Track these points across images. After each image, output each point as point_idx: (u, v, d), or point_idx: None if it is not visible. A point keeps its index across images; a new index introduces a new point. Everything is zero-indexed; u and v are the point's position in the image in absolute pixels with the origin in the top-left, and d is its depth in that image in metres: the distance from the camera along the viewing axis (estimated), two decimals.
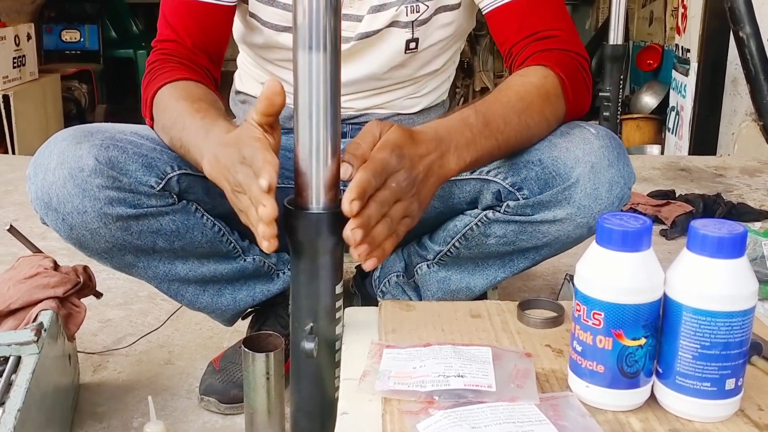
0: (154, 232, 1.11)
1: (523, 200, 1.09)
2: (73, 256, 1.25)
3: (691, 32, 3.84)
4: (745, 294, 0.68)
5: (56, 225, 1.08)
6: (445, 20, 1.23)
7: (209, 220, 1.16)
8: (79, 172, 1.04)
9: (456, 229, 1.19)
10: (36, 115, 4.37)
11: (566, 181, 1.05)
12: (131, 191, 1.07)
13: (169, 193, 1.11)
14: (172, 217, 1.12)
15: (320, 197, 0.81)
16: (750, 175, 2.92)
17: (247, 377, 1.01)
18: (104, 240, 1.08)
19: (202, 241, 1.16)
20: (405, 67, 1.26)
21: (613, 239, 0.69)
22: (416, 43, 1.22)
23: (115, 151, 1.06)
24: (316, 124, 0.79)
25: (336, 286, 0.85)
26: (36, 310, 1.13)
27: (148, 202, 1.08)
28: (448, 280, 1.24)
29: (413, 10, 1.19)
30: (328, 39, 0.78)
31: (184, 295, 1.22)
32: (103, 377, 1.39)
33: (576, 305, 0.73)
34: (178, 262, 1.17)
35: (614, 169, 1.05)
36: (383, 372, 0.78)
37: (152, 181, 1.08)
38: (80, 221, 1.06)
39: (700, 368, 0.69)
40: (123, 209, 1.06)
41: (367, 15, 1.19)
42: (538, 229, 1.11)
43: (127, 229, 1.08)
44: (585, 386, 0.73)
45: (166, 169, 1.10)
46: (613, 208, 1.07)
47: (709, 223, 0.69)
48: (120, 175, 1.05)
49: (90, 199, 1.04)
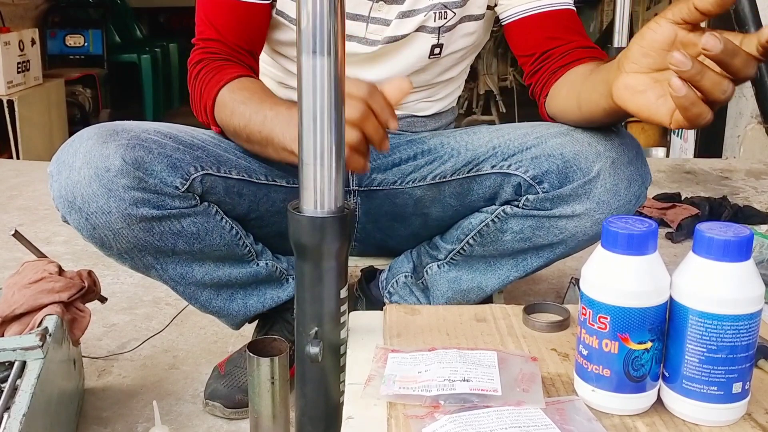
0: (175, 234, 1.11)
1: (542, 194, 1.10)
2: (78, 260, 1.25)
3: None
4: (751, 297, 0.67)
5: (78, 224, 1.08)
6: (469, 29, 1.25)
7: (227, 223, 1.17)
8: (105, 171, 1.04)
9: (471, 226, 1.20)
10: (40, 119, 4.38)
11: (587, 175, 1.07)
12: (156, 192, 1.07)
13: (192, 194, 1.11)
14: (194, 219, 1.12)
15: (324, 201, 0.81)
16: (756, 177, 2.91)
17: (252, 382, 1.01)
18: (126, 240, 1.08)
19: (220, 244, 1.16)
20: (426, 71, 1.28)
21: (619, 242, 0.69)
22: (440, 48, 1.24)
23: (141, 151, 1.06)
24: (320, 128, 0.79)
25: (341, 290, 0.84)
26: (41, 315, 1.13)
27: (171, 204, 1.09)
28: (459, 280, 1.24)
29: (441, 16, 1.20)
30: (332, 43, 0.77)
31: (198, 298, 1.22)
32: (108, 382, 1.39)
33: (582, 309, 0.72)
34: (195, 264, 1.17)
35: (633, 166, 1.07)
36: (388, 376, 0.78)
37: (177, 182, 1.08)
38: (104, 221, 1.06)
39: (707, 372, 0.69)
40: (147, 210, 1.06)
41: (395, 20, 1.21)
42: (555, 225, 1.12)
43: (150, 230, 1.08)
44: (591, 390, 0.73)
45: (189, 170, 1.10)
46: (630, 206, 1.08)
47: (714, 226, 0.69)
48: (146, 176, 1.06)
49: (115, 199, 1.04)
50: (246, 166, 1.19)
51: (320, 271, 0.83)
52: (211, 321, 1.58)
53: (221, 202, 1.16)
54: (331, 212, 0.81)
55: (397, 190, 1.28)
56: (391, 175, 1.28)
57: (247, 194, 1.19)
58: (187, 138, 1.15)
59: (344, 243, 0.83)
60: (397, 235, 1.33)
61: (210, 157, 1.15)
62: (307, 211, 0.81)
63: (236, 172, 1.17)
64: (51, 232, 2.17)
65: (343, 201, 0.82)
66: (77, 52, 5.53)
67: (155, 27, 7.04)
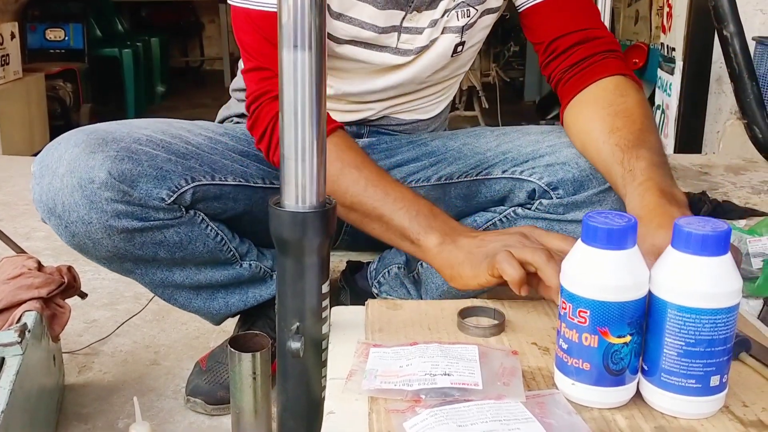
0: (156, 244, 1.10)
1: (557, 199, 1.11)
2: (58, 256, 1.24)
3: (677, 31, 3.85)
4: (729, 291, 0.68)
5: (58, 230, 1.07)
6: (486, 23, 1.24)
7: (212, 230, 1.16)
8: (89, 183, 1.02)
9: (475, 224, 1.20)
10: (20, 114, 4.33)
11: (602, 185, 1.09)
12: (140, 205, 1.05)
13: (179, 206, 1.09)
14: (177, 230, 1.11)
15: (306, 196, 0.81)
16: (735, 173, 2.93)
17: (233, 377, 1.01)
18: (106, 249, 1.08)
19: (203, 251, 1.16)
20: (446, 69, 1.27)
21: (599, 237, 0.69)
22: (462, 46, 1.23)
23: (129, 163, 1.04)
24: (301, 122, 0.79)
25: (322, 285, 0.84)
26: (20, 311, 1.12)
27: (155, 216, 1.07)
28: None
29: (464, 15, 1.19)
30: (314, 38, 0.77)
31: (177, 299, 1.21)
32: (89, 378, 1.38)
33: (562, 303, 0.73)
34: (176, 269, 1.17)
35: None
36: (370, 371, 0.78)
37: (163, 194, 1.07)
38: (84, 231, 1.05)
39: (685, 365, 0.69)
40: (129, 222, 1.05)
41: (427, 29, 1.19)
42: (564, 229, 1.13)
43: (131, 240, 1.07)
44: (571, 384, 0.73)
45: (180, 182, 1.08)
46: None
47: (693, 220, 0.69)
48: (131, 189, 1.04)
49: (97, 211, 1.03)
50: (242, 170, 1.18)
51: (302, 267, 0.83)
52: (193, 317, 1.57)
53: (212, 208, 1.15)
54: (313, 207, 0.81)
55: None
56: (393, 175, 1.28)
57: (242, 199, 1.18)
58: (181, 145, 1.13)
59: (326, 238, 0.82)
60: None
61: (204, 166, 1.13)
62: (288, 207, 0.81)
63: (232, 178, 1.16)
64: (31, 228, 2.16)
65: (324, 196, 0.82)
66: (58, 46, 5.48)
67: (137, 21, 6.98)
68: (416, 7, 1.17)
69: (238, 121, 1.40)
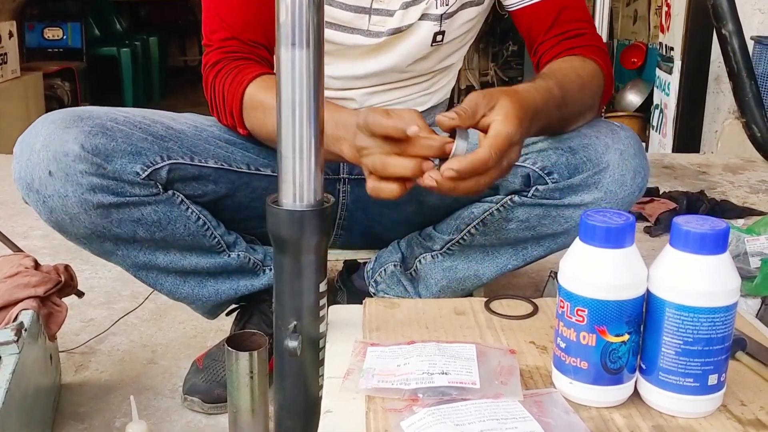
0: (134, 221, 1.10)
1: (552, 184, 1.12)
2: (55, 255, 1.24)
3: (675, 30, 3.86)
4: (727, 290, 0.68)
5: (37, 206, 1.08)
6: (469, 16, 1.25)
7: (194, 213, 1.16)
8: (63, 156, 1.03)
9: (472, 215, 1.20)
10: (18, 113, 4.33)
11: (597, 166, 1.09)
12: (115, 179, 1.06)
13: (155, 183, 1.10)
14: (155, 208, 1.11)
15: (304, 194, 0.81)
16: (733, 172, 2.94)
17: (230, 376, 1.00)
18: (83, 225, 1.08)
19: (184, 233, 1.15)
20: (427, 59, 1.27)
21: (597, 236, 0.69)
22: (442, 36, 1.24)
23: (103, 138, 1.06)
24: (299, 120, 0.79)
25: (320, 284, 0.84)
26: (16, 310, 1.11)
27: (131, 191, 1.08)
28: (455, 269, 1.25)
29: (443, 3, 1.21)
30: (311, 35, 0.77)
31: (163, 284, 1.21)
32: (85, 377, 1.37)
33: (560, 302, 0.73)
34: (159, 253, 1.17)
35: (638, 159, 1.11)
36: (367, 370, 0.78)
37: (137, 168, 1.08)
38: (60, 204, 1.06)
39: (683, 364, 0.69)
40: (105, 196, 1.06)
41: (398, 11, 1.20)
42: (562, 214, 1.13)
43: (107, 216, 1.08)
44: (569, 383, 0.73)
45: (155, 159, 1.10)
46: (634, 197, 1.12)
47: (691, 219, 0.69)
48: (104, 162, 1.05)
49: (72, 184, 1.04)
50: (226, 155, 1.18)
51: (299, 265, 0.83)
52: (190, 316, 1.57)
53: (192, 190, 1.15)
54: (311, 206, 0.81)
55: None
56: None
57: (224, 182, 1.18)
58: (161, 129, 1.14)
59: (323, 237, 0.82)
60: (387, 220, 1.33)
61: (183, 148, 1.14)
62: (286, 205, 0.81)
63: (213, 161, 1.17)
64: (28, 227, 2.15)
65: (322, 194, 0.82)
66: (56, 45, 5.47)
67: (135, 20, 6.98)
68: None
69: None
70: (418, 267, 1.28)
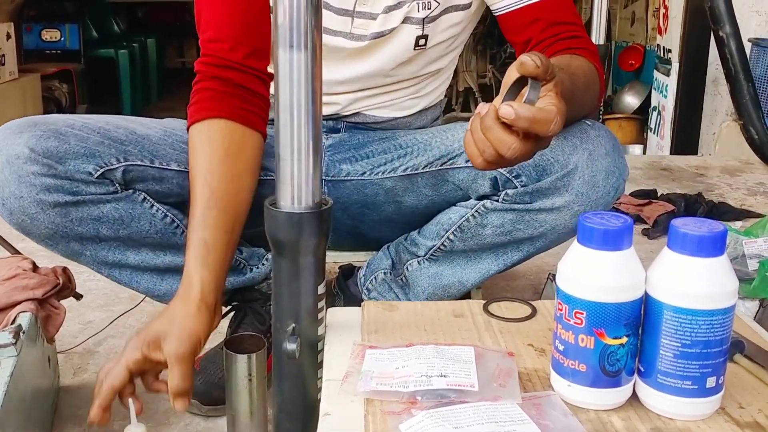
0: (95, 220, 1.11)
1: (521, 188, 1.11)
2: (53, 257, 1.23)
3: (673, 32, 3.86)
4: (725, 292, 0.68)
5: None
6: (454, 20, 1.24)
7: (159, 211, 1.16)
8: (15, 158, 1.06)
9: (450, 221, 1.20)
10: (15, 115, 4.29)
11: (565, 168, 1.07)
12: (68, 178, 1.08)
13: (110, 181, 1.11)
14: (114, 206, 1.12)
15: (302, 196, 0.81)
16: (731, 174, 2.94)
17: (229, 379, 1.00)
18: (44, 226, 1.09)
19: (150, 231, 1.16)
20: (411, 63, 1.27)
21: (595, 238, 0.69)
22: (425, 39, 1.24)
23: (55, 141, 1.08)
24: (297, 123, 0.79)
25: (318, 286, 0.84)
26: (14, 312, 1.11)
27: (86, 189, 1.09)
28: (440, 276, 1.25)
29: (425, 7, 1.20)
30: (309, 38, 0.77)
31: (139, 282, 1.21)
32: (84, 379, 1.37)
33: (558, 304, 0.73)
34: (129, 252, 1.17)
35: (610, 158, 1.08)
36: (366, 373, 0.78)
37: (90, 168, 1.09)
38: (18, 206, 1.08)
39: (681, 366, 0.69)
40: (60, 196, 1.08)
41: (381, 14, 1.20)
42: (535, 218, 1.12)
43: (66, 215, 1.09)
44: (567, 385, 0.73)
45: (110, 160, 1.11)
46: (609, 198, 1.09)
47: (689, 221, 0.70)
48: (56, 164, 1.07)
49: (26, 185, 1.06)
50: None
51: (297, 267, 0.83)
52: None
53: (155, 191, 1.16)
54: (309, 208, 0.81)
55: (365, 180, 1.28)
56: (360, 167, 1.29)
57: (187, 185, 1.16)
58: (121, 134, 1.15)
59: (322, 239, 0.82)
60: (369, 220, 1.33)
61: (144, 151, 1.15)
62: (284, 207, 0.81)
63: (176, 165, 1.17)
64: None
65: (320, 196, 0.82)
66: (54, 46, 5.47)
67: (133, 22, 6.98)
68: None
69: None
70: (406, 274, 1.28)
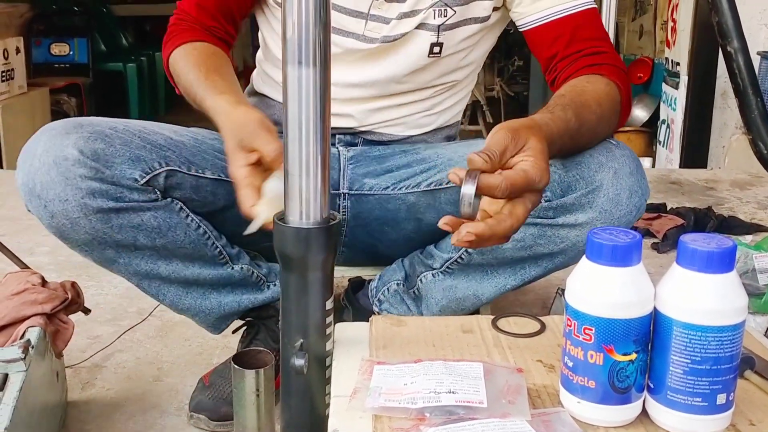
0: (134, 227, 1.11)
1: (545, 202, 1.11)
2: (62, 271, 1.24)
3: (681, 46, 3.87)
4: (735, 308, 0.68)
5: (38, 212, 1.09)
6: (471, 31, 1.25)
7: (194, 221, 1.17)
8: (63, 160, 1.05)
9: None
10: (24, 128, 4.35)
11: (590, 185, 1.08)
12: (113, 183, 1.08)
13: (153, 188, 1.11)
14: (154, 213, 1.12)
15: (310, 212, 0.81)
16: (741, 188, 2.93)
17: (237, 394, 1.00)
18: (84, 231, 1.09)
19: (185, 241, 1.16)
20: (425, 71, 1.27)
21: (603, 254, 0.69)
22: (440, 47, 1.24)
23: (102, 143, 1.07)
24: (305, 138, 0.79)
25: (326, 301, 0.84)
26: (23, 327, 1.11)
27: (129, 196, 1.09)
28: (454, 288, 1.25)
29: (441, 14, 1.21)
30: (318, 54, 0.77)
31: (166, 294, 1.21)
32: (92, 394, 1.37)
33: (567, 320, 0.72)
34: (161, 262, 1.17)
35: (634, 177, 1.09)
36: (374, 389, 0.77)
37: (136, 174, 1.09)
38: (61, 209, 1.07)
39: (691, 383, 0.69)
40: (104, 201, 1.07)
41: (394, 20, 1.21)
42: (557, 234, 1.13)
43: (108, 221, 1.09)
44: (576, 402, 0.73)
45: (153, 165, 1.11)
46: (631, 217, 1.09)
47: (698, 237, 0.69)
48: (103, 167, 1.07)
49: (72, 188, 1.06)
50: (224, 167, 1.18)
51: (305, 282, 0.83)
52: (196, 332, 1.57)
53: (190, 199, 1.16)
54: (317, 223, 0.81)
55: (389, 195, 1.28)
56: (383, 181, 1.29)
57: (222, 194, 1.18)
58: (160, 138, 1.15)
59: (330, 254, 0.82)
60: (388, 239, 1.33)
61: (181, 157, 1.15)
62: (292, 222, 0.81)
63: (211, 172, 1.18)
64: (34, 243, 2.16)
65: (329, 211, 0.82)
66: (62, 60, 5.51)
67: (141, 35, 7.02)
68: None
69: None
70: (420, 286, 1.28)
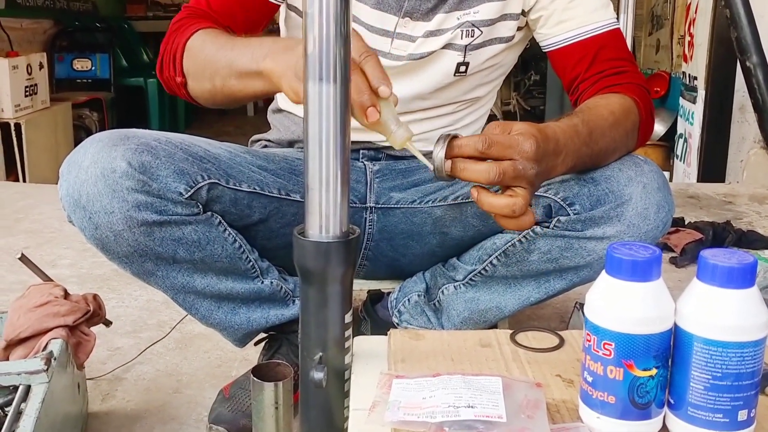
0: (175, 241, 1.12)
1: (574, 215, 1.12)
2: (83, 284, 1.25)
3: (698, 60, 3.85)
4: (756, 324, 0.67)
5: (82, 223, 1.09)
6: (496, 51, 1.27)
7: (230, 235, 1.17)
8: (111, 172, 1.05)
9: (495, 246, 1.20)
10: (47, 143, 4.41)
11: (619, 199, 1.09)
12: (159, 196, 1.08)
13: (196, 202, 1.12)
14: (195, 228, 1.13)
15: (329, 226, 0.81)
16: (759, 202, 2.91)
17: (255, 406, 1.00)
18: (127, 243, 1.09)
19: (222, 255, 1.17)
20: (451, 89, 1.29)
21: (623, 269, 0.69)
22: (466, 67, 1.26)
23: (149, 156, 1.08)
24: (326, 153, 0.80)
25: (345, 315, 0.85)
26: (46, 339, 1.13)
27: (174, 210, 1.10)
28: (477, 300, 1.25)
29: (468, 34, 1.23)
30: (338, 70, 0.78)
31: (198, 308, 1.22)
32: (112, 406, 1.38)
33: (586, 335, 0.72)
34: (197, 275, 1.18)
35: (662, 193, 1.11)
36: (393, 402, 0.78)
37: (181, 188, 1.09)
38: (106, 221, 1.07)
39: (712, 399, 0.69)
40: (149, 214, 1.08)
41: (420, 38, 1.23)
42: (584, 247, 1.13)
43: (150, 234, 1.09)
44: (596, 417, 0.72)
45: (197, 178, 1.11)
46: (658, 232, 1.11)
47: (718, 252, 0.69)
48: (150, 180, 1.07)
49: (119, 200, 1.06)
50: (259, 179, 1.20)
51: (325, 296, 0.83)
52: (215, 345, 1.58)
53: (227, 213, 1.17)
54: (336, 237, 0.82)
55: (415, 209, 1.29)
56: (410, 195, 1.30)
57: (257, 207, 1.20)
58: (199, 150, 1.16)
59: (349, 268, 0.83)
60: (411, 253, 1.33)
61: (220, 170, 1.16)
62: (312, 236, 0.82)
63: (247, 185, 1.18)
64: (56, 255, 2.18)
65: (348, 226, 0.83)
66: (84, 75, 5.58)
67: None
68: (408, 13, 1.22)
69: (267, 145, 1.42)
70: (441, 297, 1.28)
